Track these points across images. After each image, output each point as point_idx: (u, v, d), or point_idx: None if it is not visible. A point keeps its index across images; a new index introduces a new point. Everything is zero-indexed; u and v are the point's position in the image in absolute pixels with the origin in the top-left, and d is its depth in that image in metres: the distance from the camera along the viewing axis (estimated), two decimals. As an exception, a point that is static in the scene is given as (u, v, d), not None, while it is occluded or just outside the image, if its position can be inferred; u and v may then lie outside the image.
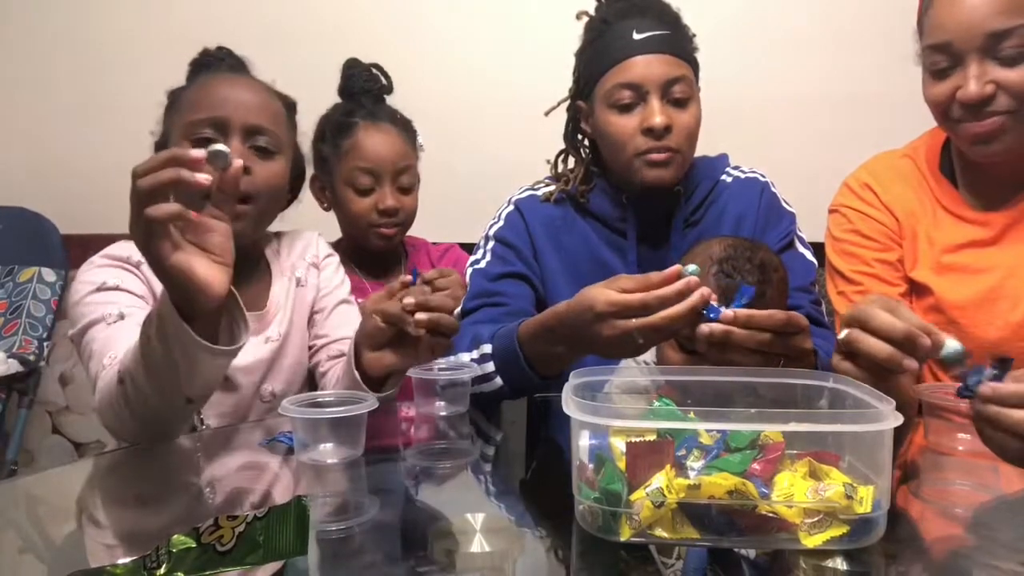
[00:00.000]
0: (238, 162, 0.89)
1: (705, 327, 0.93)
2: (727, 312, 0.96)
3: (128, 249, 1.16)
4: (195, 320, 0.89)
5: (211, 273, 0.87)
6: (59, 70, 2.24)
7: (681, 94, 1.28)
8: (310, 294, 1.32)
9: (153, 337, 0.90)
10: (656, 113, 1.26)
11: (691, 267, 0.94)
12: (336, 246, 1.66)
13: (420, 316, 0.99)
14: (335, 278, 1.36)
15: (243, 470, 0.97)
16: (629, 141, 1.28)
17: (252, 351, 1.20)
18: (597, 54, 1.32)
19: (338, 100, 1.63)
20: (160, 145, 1.20)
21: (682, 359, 1.14)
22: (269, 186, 1.18)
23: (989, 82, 1.14)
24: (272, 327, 1.25)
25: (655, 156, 1.27)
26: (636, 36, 1.28)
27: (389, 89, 1.62)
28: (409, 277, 1.39)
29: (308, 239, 1.38)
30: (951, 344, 0.85)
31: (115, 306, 1.09)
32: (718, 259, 1.13)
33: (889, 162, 1.35)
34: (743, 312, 0.95)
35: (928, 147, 1.32)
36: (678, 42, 1.30)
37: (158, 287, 1.11)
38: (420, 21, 2.20)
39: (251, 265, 1.26)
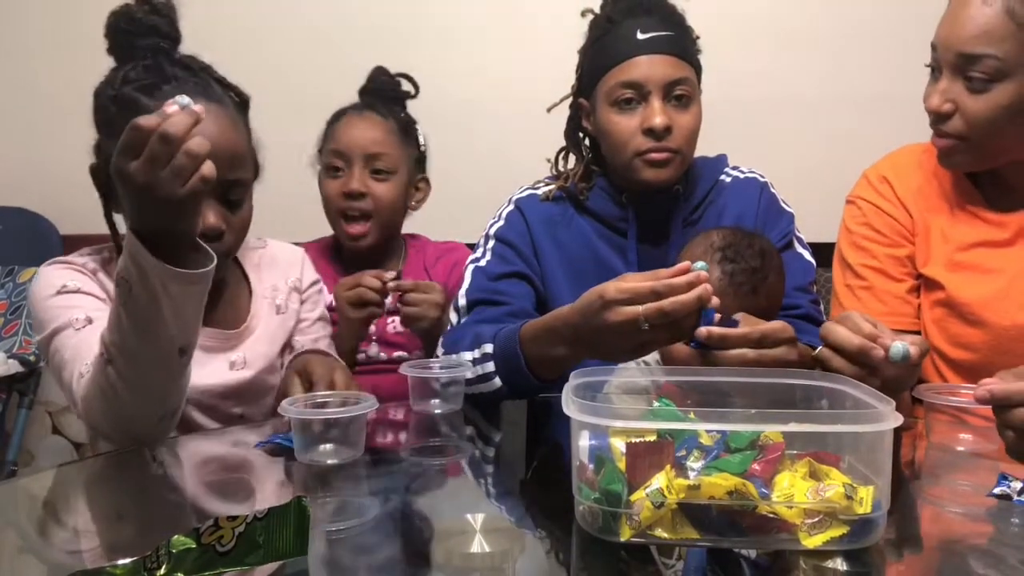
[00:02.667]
0: (197, 107, 0.86)
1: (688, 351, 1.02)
2: (700, 330, 0.99)
3: (83, 257, 1.14)
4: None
5: None
6: (59, 70, 2.24)
7: (683, 95, 1.29)
8: (290, 322, 1.27)
9: (135, 284, 0.88)
10: (657, 113, 1.26)
11: (700, 263, 0.96)
12: (333, 245, 1.64)
13: None
14: (316, 309, 1.34)
15: (242, 471, 0.97)
16: (630, 140, 1.28)
17: (216, 374, 1.15)
18: (600, 52, 1.32)
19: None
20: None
21: (689, 352, 1.13)
22: (243, 233, 1.16)
23: (949, 101, 1.17)
24: (239, 351, 1.19)
25: (655, 156, 1.28)
26: (640, 36, 1.28)
27: (411, 95, 1.63)
28: (392, 273, 1.43)
29: (292, 259, 1.32)
30: (896, 347, 0.93)
31: (80, 310, 1.06)
32: (720, 247, 1.15)
33: (912, 156, 1.35)
34: (717, 331, 0.99)
35: None
36: (682, 43, 1.31)
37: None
38: (421, 21, 2.19)
39: (228, 278, 1.22)
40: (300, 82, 2.07)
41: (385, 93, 1.60)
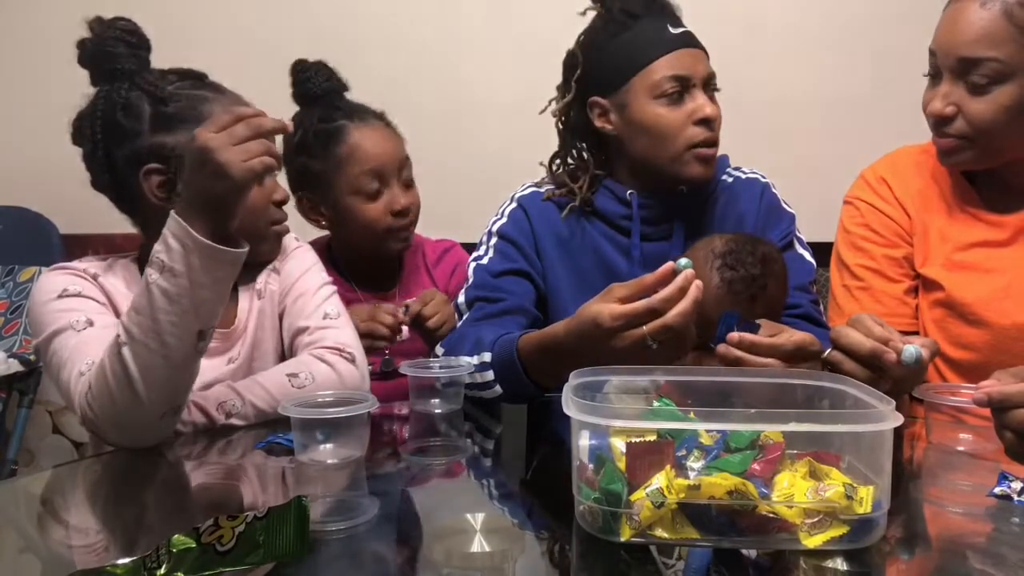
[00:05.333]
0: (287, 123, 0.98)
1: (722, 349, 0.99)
2: (733, 335, 0.99)
3: (85, 263, 1.15)
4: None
5: None
6: (59, 70, 2.24)
7: (714, 90, 1.32)
8: (271, 303, 1.25)
9: (174, 262, 0.93)
10: (708, 104, 1.28)
11: (683, 260, 0.96)
12: (328, 256, 1.57)
13: None
14: (297, 269, 1.27)
15: (242, 471, 0.97)
16: (680, 132, 1.28)
17: (214, 372, 1.15)
18: (629, 47, 1.30)
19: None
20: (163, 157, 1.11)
21: (694, 354, 1.13)
22: None
23: (952, 104, 1.18)
24: (236, 347, 1.20)
25: (705, 151, 1.29)
26: (672, 31, 1.29)
27: (346, 86, 1.52)
28: (400, 311, 1.39)
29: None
30: (908, 351, 0.93)
31: (80, 313, 1.07)
32: (720, 253, 1.15)
33: (909, 156, 1.36)
34: (748, 338, 0.98)
35: None
36: (700, 41, 1.33)
37: (116, 298, 1.12)
38: (419, 20, 2.19)
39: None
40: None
41: (331, 91, 1.49)
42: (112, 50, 1.14)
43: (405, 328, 1.40)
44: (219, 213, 0.94)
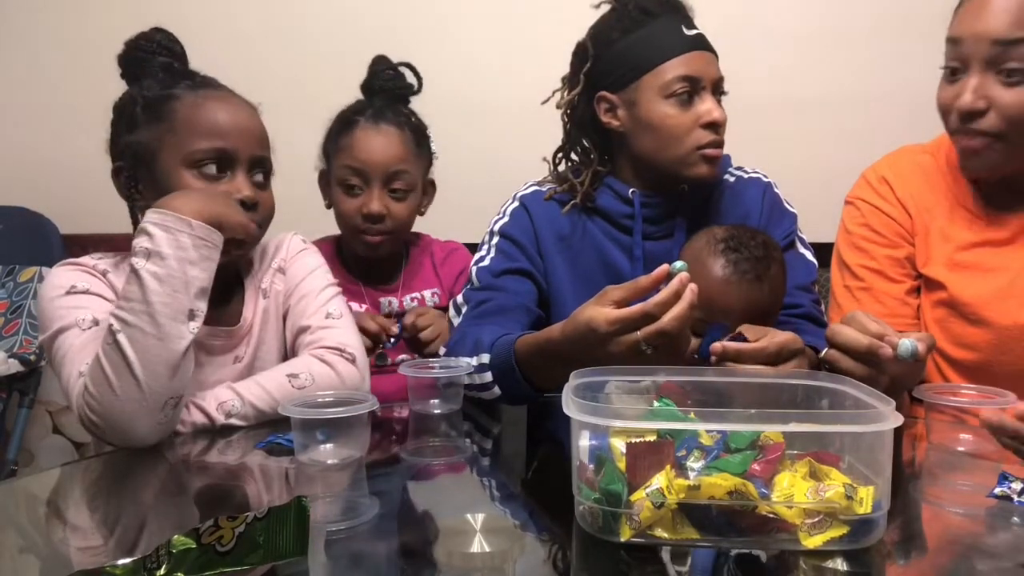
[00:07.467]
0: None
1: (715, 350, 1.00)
2: (715, 345, 1.00)
3: (95, 259, 1.15)
4: None
5: None
6: (58, 70, 2.24)
7: (722, 94, 1.32)
8: (275, 303, 1.25)
9: (155, 246, 0.99)
10: (716, 108, 1.29)
11: (678, 264, 0.96)
12: (335, 246, 1.61)
13: None
14: (302, 270, 1.27)
15: (242, 471, 0.97)
16: (687, 135, 1.29)
17: (220, 371, 1.17)
18: (642, 44, 1.30)
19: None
20: (143, 149, 1.13)
21: (694, 345, 1.13)
22: (271, 214, 1.19)
23: (983, 97, 1.14)
24: (242, 346, 1.20)
25: (712, 152, 1.30)
26: (687, 32, 1.30)
27: (414, 89, 1.56)
28: (395, 328, 1.44)
29: (279, 242, 1.29)
30: (904, 344, 0.93)
31: (87, 311, 1.07)
32: (722, 238, 1.16)
33: (910, 156, 1.35)
34: (732, 347, 0.99)
35: (950, 145, 1.31)
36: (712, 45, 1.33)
37: None
38: (423, 19, 2.19)
39: (226, 281, 1.21)
40: (296, 81, 2.07)
41: (389, 91, 1.54)
42: (147, 60, 1.18)
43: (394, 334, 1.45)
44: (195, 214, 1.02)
